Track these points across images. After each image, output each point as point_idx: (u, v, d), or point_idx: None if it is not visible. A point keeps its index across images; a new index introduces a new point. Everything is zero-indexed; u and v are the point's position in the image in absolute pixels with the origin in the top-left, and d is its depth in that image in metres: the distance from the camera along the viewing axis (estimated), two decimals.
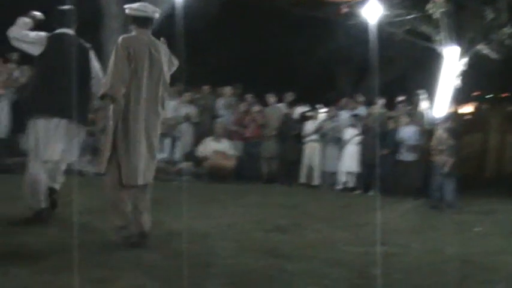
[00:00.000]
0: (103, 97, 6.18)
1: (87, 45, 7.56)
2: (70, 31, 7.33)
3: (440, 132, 12.03)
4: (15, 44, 7.16)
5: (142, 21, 6.50)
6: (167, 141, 14.39)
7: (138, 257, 5.78)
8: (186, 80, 17.43)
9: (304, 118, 15.30)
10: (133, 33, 6.48)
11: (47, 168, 7.17)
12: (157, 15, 6.65)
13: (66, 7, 7.41)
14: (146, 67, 6.32)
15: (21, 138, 12.60)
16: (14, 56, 14.11)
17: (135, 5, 6.56)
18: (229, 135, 15.21)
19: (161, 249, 6.19)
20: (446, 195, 11.56)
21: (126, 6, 6.59)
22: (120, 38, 6.32)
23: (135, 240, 6.21)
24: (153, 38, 6.54)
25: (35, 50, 7.13)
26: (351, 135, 14.37)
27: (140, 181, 6.27)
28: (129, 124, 6.19)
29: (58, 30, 7.31)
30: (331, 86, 22.13)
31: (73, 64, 6.87)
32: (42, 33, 7.18)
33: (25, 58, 14.38)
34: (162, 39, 6.68)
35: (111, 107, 6.18)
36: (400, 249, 7.19)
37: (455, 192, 11.62)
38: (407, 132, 13.54)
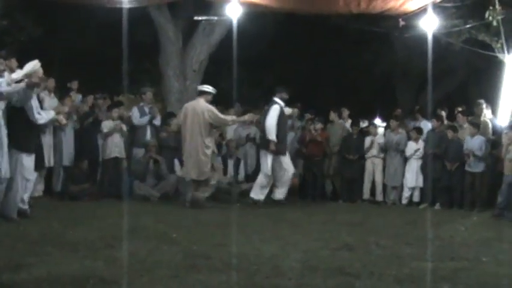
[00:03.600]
0: None
1: None
2: None
3: (507, 141, 11.81)
4: None
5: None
6: (230, 162, 14.46)
7: (206, 280, 5.81)
8: (246, 101, 17.59)
9: (364, 133, 15.19)
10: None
11: None
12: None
13: None
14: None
15: (84, 165, 12.94)
16: (74, 84, 14.47)
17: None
18: (293, 153, 15.20)
19: (229, 272, 6.19)
20: None
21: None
22: None
23: None
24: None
25: None
26: (414, 149, 14.19)
27: None
28: None
29: None
30: (392, 100, 21.96)
31: None
32: None
33: (84, 86, 14.83)
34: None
35: None
36: (469, 263, 7.04)
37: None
38: (474, 143, 13.29)
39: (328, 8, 13.94)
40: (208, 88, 12.61)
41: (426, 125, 14.76)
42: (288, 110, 13.34)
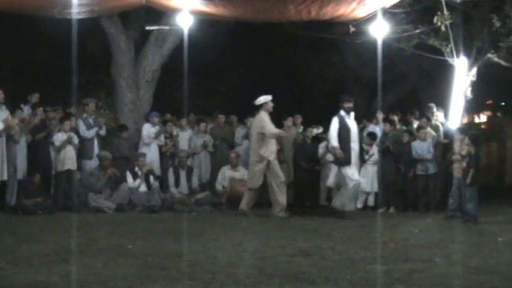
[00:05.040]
0: None
1: None
2: None
3: (459, 143, 11.98)
4: None
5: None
6: (183, 173, 14.42)
7: None
8: (201, 110, 17.57)
9: (318, 140, 15.28)
10: None
11: None
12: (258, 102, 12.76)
13: None
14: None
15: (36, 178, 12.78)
16: (35, 97, 14.35)
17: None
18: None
19: (184, 281, 6.17)
20: (468, 207, 11.41)
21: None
22: None
23: None
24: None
25: None
26: (368, 154, 14.31)
27: None
28: None
29: None
30: None
31: None
32: None
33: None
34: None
35: None
36: (423, 264, 7.13)
37: (477, 203, 11.50)
38: (424, 146, 13.47)
39: (280, 16, 13.98)
40: (260, 101, 12.85)
41: (376, 130, 14.92)
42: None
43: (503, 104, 26.36)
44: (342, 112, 12.49)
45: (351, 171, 12.27)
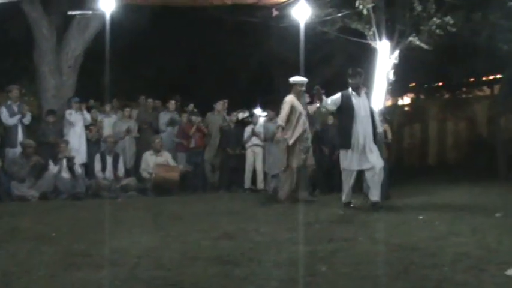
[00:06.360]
0: None
1: None
2: None
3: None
4: None
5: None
6: (109, 159, 14.27)
7: (85, 277, 5.73)
8: (125, 95, 17.39)
9: (243, 123, 15.35)
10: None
11: None
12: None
13: None
14: None
15: None
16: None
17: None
18: (175, 147, 15.23)
19: (109, 267, 6.12)
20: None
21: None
22: None
23: None
24: None
25: None
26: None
27: None
28: None
29: None
30: (270, 88, 22.24)
31: None
32: None
33: None
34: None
35: None
36: (346, 243, 7.23)
37: (386, 184, 11.66)
38: None
39: (203, 0, 13.95)
40: (293, 80, 12.25)
41: None
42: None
43: (425, 86, 26.84)
44: (350, 89, 11.03)
45: (343, 157, 10.93)
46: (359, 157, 10.70)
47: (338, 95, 11.05)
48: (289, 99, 11.95)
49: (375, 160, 10.68)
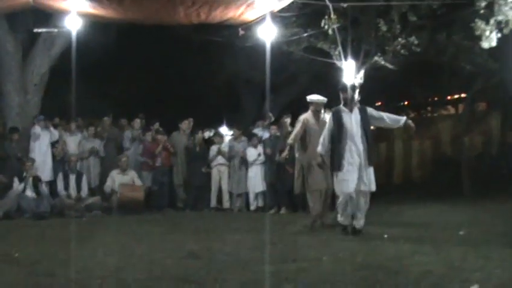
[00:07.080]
0: None
1: None
2: None
3: None
4: None
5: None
6: (72, 178, 14.16)
7: None
8: (92, 113, 17.29)
9: (209, 142, 15.37)
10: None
11: None
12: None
13: None
14: None
15: None
16: None
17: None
18: (140, 166, 15.17)
19: None
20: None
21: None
22: None
23: None
24: None
25: None
26: (254, 155, 14.54)
27: None
28: None
29: None
30: (236, 108, 22.28)
31: None
32: None
33: None
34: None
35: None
36: (310, 263, 7.23)
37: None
38: None
39: (169, 19, 13.88)
40: (310, 99, 11.56)
41: (260, 133, 15.19)
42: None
43: (391, 105, 27.03)
44: (342, 105, 10.20)
45: (336, 181, 10.03)
46: (357, 176, 9.73)
47: (329, 118, 10.31)
48: (303, 117, 11.37)
49: (370, 184, 9.82)
